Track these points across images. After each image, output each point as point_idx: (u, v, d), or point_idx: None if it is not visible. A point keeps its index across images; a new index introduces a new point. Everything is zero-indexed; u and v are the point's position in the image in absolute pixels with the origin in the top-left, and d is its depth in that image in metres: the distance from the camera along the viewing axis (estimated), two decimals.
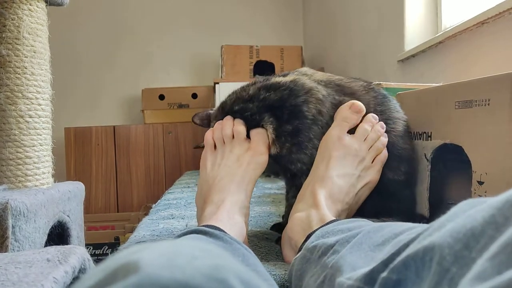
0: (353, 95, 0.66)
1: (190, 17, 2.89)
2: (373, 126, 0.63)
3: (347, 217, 0.63)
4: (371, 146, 0.63)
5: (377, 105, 0.66)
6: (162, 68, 2.89)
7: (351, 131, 0.63)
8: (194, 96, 2.55)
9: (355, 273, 0.34)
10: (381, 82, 0.80)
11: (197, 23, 2.88)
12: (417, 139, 0.69)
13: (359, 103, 0.62)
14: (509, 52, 0.95)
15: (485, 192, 0.54)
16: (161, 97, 2.55)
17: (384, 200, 0.65)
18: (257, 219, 0.88)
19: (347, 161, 0.62)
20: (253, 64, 2.28)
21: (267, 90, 0.65)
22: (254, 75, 2.28)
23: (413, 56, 1.42)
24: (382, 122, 0.64)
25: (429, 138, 0.66)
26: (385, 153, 0.64)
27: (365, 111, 0.63)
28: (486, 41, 1.04)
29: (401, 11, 1.46)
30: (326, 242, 0.44)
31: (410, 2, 1.45)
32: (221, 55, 2.28)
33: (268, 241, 0.70)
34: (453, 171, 0.68)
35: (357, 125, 0.63)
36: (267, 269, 0.54)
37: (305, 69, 0.71)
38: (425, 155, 0.66)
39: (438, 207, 0.66)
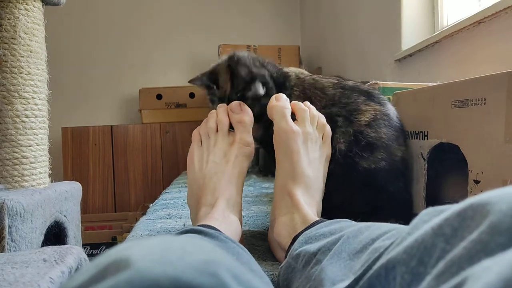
0: (322, 89, 0.70)
1: (188, 16, 2.89)
2: (305, 104, 0.65)
3: (322, 192, 0.64)
4: (317, 125, 0.64)
5: (342, 98, 0.68)
6: (160, 68, 2.88)
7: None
8: (192, 95, 2.55)
9: None
10: (378, 81, 0.80)
11: (194, 22, 2.88)
12: (414, 138, 0.69)
13: (280, 94, 0.66)
14: (506, 52, 0.96)
15: (481, 191, 0.54)
16: (159, 96, 2.54)
17: (373, 195, 0.65)
18: (255, 218, 0.88)
19: (307, 147, 0.62)
20: None
21: (279, 71, 0.72)
22: None
23: (410, 55, 1.42)
24: (307, 102, 0.67)
25: (426, 137, 0.66)
26: (329, 127, 0.65)
27: (287, 98, 0.65)
28: (483, 41, 1.04)
29: (398, 10, 1.47)
30: (308, 250, 0.44)
31: (407, 1, 1.45)
32: (219, 55, 2.28)
33: (265, 241, 0.70)
34: (449, 170, 0.68)
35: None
36: (264, 269, 0.54)
37: (293, 69, 0.76)
38: (421, 154, 0.67)
39: (435, 206, 0.67)
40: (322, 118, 0.65)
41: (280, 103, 0.63)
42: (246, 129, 0.65)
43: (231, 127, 0.66)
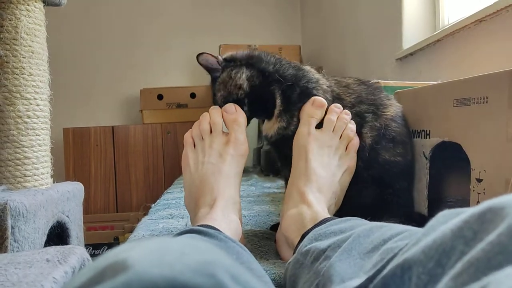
0: (347, 87, 0.71)
1: (189, 16, 2.89)
2: (339, 115, 0.66)
3: (336, 205, 0.65)
4: (342, 135, 0.65)
5: (369, 95, 0.70)
6: (161, 68, 2.88)
7: (319, 126, 0.66)
8: (193, 95, 2.55)
9: (343, 286, 0.34)
10: (379, 80, 0.80)
11: (195, 22, 2.88)
12: (416, 137, 0.69)
13: (320, 98, 0.66)
14: (507, 50, 0.96)
15: (484, 189, 0.54)
16: (160, 97, 2.54)
17: (381, 190, 0.66)
18: (257, 218, 0.88)
19: (323, 152, 0.64)
20: None
21: (288, 64, 0.70)
22: None
23: (411, 54, 1.42)
24: (346, 110, 0.67)
25: (428, 136, 0.66)
26: (356, 139, 0.66)
27: (326, 105, 0.66)
28: (484, 39, 1.04)
29: (399, 9, 1.47)
30: (318, 246, 0.44)
31: (408, 0, 1.45)
32: (220, 55, 2.28)
33: (268, 240, 0.70)
34: (451, 169, 0.68)
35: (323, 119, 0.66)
36: (266, 268, 0.54)
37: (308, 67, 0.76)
38: (423, 153, 0.67)
39: (437, 205, 0.67)
40: (348, 130, 0.66)
41: (312, 110, 0.65)
42: (241, 129, 0.66)
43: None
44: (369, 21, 1.81)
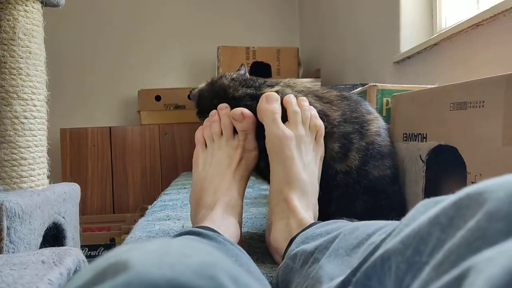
0: (330, 103, 0.68)
1: (187, 18, 2.89)
2: (298, 104, 0.63)
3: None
4: (309, 126, 0.62)
5: (352, 112, 0.67)
6: (159, 69, 2.88)
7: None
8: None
9: (331, 284, 0.34)
10: (376, 84, 0.80)
11: (194, 24, 2.88)
12: (412, 140, 0.69)
13: (270, 93, 0.63)
14: (504, 54, 0.96)
15: None
16: (158, 98, 2.54)
17: (374, 198, 0.66)
18: (253, 220, 0.88)
19: (301, 151, 0.61)
20: (250, 65, 2.28)
21: (252, 99, 0.66)
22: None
23: (408, 57, 1.42)
24: (302, 97, 0.64)
25: (424, 140, 0.66)
26: (321, 125, 0.63)
27: (279, 98, 0.63)
28: (481, 43, 1.04)
29: (396, 13, 1.47)
30: (305, 249, 0.44)
31: (406, 4, 1.46)
32: (218, 56, 2.28)
33: (264, 243, 0.70)
34: (448, 172, 0.68)
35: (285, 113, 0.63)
36: (263, 271, 0.54)
37: (288, 80, 0.73)
38: (420, 156, 0.67)
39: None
40: (314, 118, 0.63)
41: (270, 106, 0.61)
42: (250, 135, 0.65)
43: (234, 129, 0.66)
44: (367, 24, 1.81)
